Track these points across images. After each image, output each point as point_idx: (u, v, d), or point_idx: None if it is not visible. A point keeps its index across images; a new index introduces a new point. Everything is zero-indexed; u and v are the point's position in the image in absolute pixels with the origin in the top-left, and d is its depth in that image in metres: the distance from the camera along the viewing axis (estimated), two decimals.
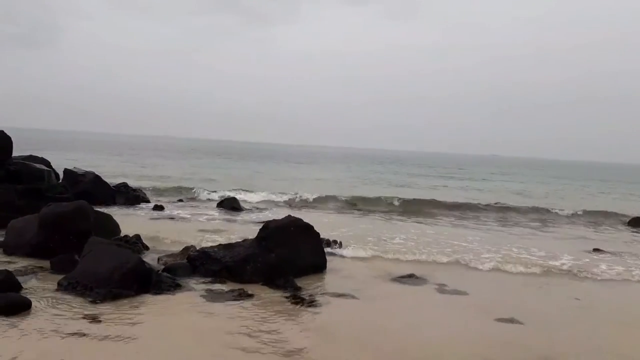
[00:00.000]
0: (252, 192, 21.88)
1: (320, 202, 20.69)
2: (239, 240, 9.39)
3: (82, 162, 28.53)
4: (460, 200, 23.92)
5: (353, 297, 7.90)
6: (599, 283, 9.95)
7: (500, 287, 9.26)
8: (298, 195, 21.17)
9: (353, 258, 10.57)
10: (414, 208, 20.65)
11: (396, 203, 21.37)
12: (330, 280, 8.85)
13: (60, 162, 20.68)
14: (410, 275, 9.25)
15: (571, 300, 8.48)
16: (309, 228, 9.49)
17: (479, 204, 22.63)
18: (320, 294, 7.99)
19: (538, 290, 9.09)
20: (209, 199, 19.61)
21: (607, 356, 6.11)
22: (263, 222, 12.66)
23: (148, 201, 17.28)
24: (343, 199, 21.33)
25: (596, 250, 13.32)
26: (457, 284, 8.89)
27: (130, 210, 15.44)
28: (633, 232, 18.01)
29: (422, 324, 6.93)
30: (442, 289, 8.70)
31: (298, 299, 7.56)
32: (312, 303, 7.46)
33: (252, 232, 11.31)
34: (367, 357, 5.64)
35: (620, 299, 9.05)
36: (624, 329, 7.20)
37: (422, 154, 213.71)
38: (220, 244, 9.28)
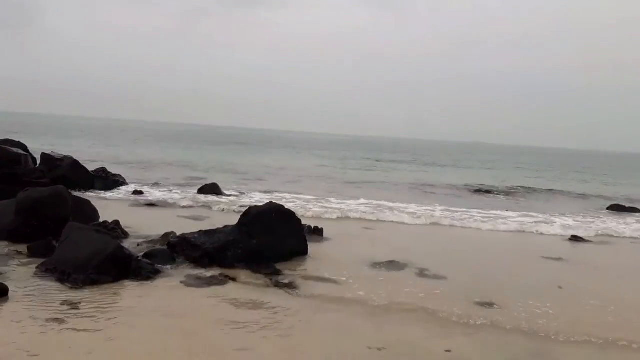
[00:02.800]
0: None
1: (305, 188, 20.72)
2: (220, 227, 9.34)
3: (62, 147, 28.06)
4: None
5: (334, 282, 7.94)
6: None
7: (479, 270, 9.35)
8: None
9: (334, 244, 10.60)
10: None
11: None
12: (312, 265, 8.87)
13: (38, 147, 20.39)
14: (392, 261, 9.31)
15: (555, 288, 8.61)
16: (290, 214, 9.48)
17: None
18: (302, 278, 8.01)
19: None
20: (189, 185, 19.43)
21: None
22: (244, 207, 12.66)
23: (127, 186, 17.09)
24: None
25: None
26: (437, 269, 8.96)
27: (109, 196, 15.25)
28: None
29: (401, 309, 6.98)
30: (422, 273, 8.78)
31: (279, 284, 7.58)
32: (293, 287, 7.49)
33: (233, 218, 11.28)
34: (345, 343, 5.67)
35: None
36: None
37: (403, 140, 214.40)
38: (200, 230, 9.20)
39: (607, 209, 20.53)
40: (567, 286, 8.52)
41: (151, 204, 14.28)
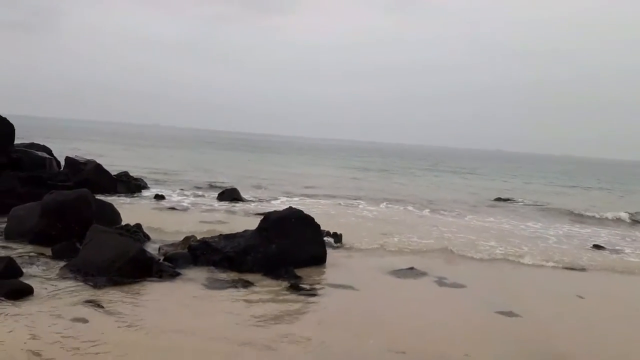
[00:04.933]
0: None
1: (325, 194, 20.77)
2: (240, 231, 9.42)
3: (84, 151, 28.53)
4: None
5: (353, 288, 7.96)
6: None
7: (499, 280, 9.30)
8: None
9: (353, 250, 10.62)
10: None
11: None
12: (330, 271, 8.91)
13: (62, 151, 20.74)
14: (411, 268, 9.29)
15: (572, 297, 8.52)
16: (309, 219, 9.52)
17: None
18: (320, 284, 8.05)
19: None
20: (209, 189, 19.58)
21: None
22: (264, 213, 12.74)
23: (149, 190, 17.31)
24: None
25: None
26: (456, 277, 8.93)
27: (131, 200, 15.46)
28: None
29: (420, 315, 6.99)
30: (441, 281, 8.75)
31: (298, 289, 7.61)
32: (311, 293, 7.52)
33: (252, 222, 11.36)
34: (366, 347, 5.70)
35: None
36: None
37: (426, 147, 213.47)
38: (220, 234, 9.31)
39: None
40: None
41: (172, 208, 14.44)
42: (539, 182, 42.32)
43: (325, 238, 10.21)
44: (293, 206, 10.44)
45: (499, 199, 24.29)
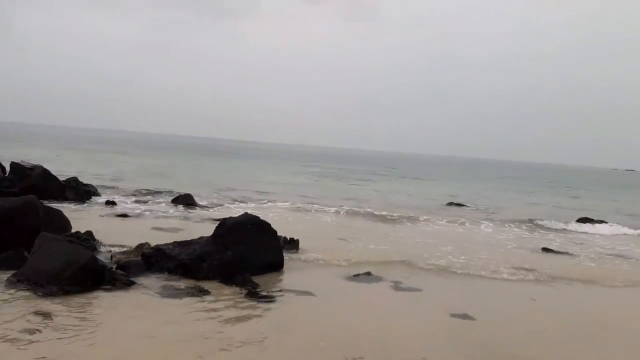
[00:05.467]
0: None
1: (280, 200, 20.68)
2: (195, 238, 9.28)
3: (34, 157, 27.49)
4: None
5: (310, 294, 7.95)
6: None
7: (453, 284, 9.47)
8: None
9: (310, 256, 10.61)
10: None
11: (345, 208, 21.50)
12: (288, 277, 8.88)
13: (9, 156, 19.97)
14: (367, 274, 9.36)
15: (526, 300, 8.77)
16: (266, 225, 9.47)
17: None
18: (278, 291, 8.01)
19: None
20: (162, 195, 19.19)
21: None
22: (219, 219, 12.59)
23: (99, 197, 16.84)
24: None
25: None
26: (412, 282, 9.06)
27: (81, 206, 14.99)
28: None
29: (377, 320, 7.04)
30: (397, 286, 8.85)
31: (255, 296, 7.56)
32: (269, 300, 7.47)
33: (208, 229, 11.21)
34: (323, 352, 5.70)
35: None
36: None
37: (383, 153, 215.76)
38: (175, 241, 9.13)
39: (577, 221, 20.96)
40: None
41: (124, 215, 14.09)
42: (491, 186, 43.46)
43: (282, 244, 10.17)
44: (249, 212, 10.36)
45: (451, 204, 24.82)
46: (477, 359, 5.88)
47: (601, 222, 20.83)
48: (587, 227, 19.58)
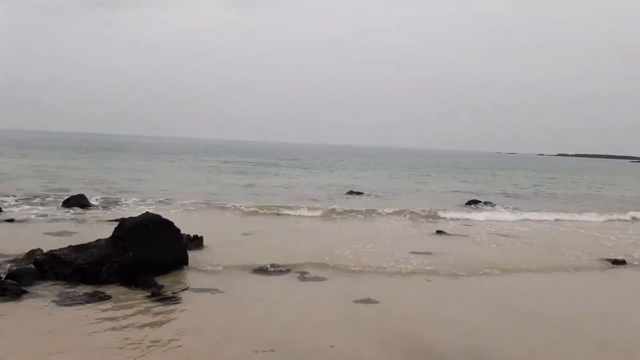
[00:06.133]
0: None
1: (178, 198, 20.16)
2: (92, 241, 8.87)
3: None
4: None
5: (217, 290, 7.91)
6: None
7: (354, 271, 9.78)
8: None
9: (215, 252, 10.50)
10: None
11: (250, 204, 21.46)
12: (193, 276, 8.74)
13: None
14: (272, 266, 9.44)
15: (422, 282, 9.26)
16: (168, 224, 9.24)
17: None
18: (183, 290, 7.87)
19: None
20: (52, 197, 18.05)
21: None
22: (117, 219, 12.09)
23: None
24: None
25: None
26: (317, 272, 9.26)
27: None
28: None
29: (285, 312, 7.14)
30: (303, 277, 9.01)
31: (160, 298, 7.38)
32: (174, 300, 7.34)
33: (105, 230, 10.76)
34: (234, 348, 5.71)
35: None
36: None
37: (271, 143, 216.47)
38: (70, 245, 8.67)
39: (466, 204, 22.43)
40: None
41: (10, 220, 13.12)
42: (388, 174, 45.14)
43: (185, 242, 9.99)
44: (150, 211, 10.06)
45: (351, 192, 25.51)
46: (382, 341, 6.14)
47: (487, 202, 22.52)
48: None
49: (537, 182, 44.01)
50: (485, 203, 22.72)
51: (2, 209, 14.55)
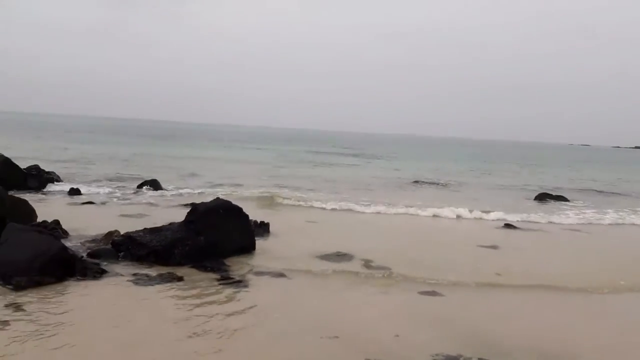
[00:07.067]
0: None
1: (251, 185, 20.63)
2: (165, 224, 9.25)
3: None
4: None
5: (282, 276, 8.05)
6: None
7: (420, 261, 9.69)
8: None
9: (281, 238, 10.70)
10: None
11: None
12: (260, 260, 8.94)
13: None
14: (337, 253, 9.52)
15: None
16: (237, 210, 9.50)
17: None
18: (250, 274, 8.08)
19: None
20: (127, 181, 18.93)
21: None
22: (188, 204, 12.54)
23: (62, 184, 16.50)
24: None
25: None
26: (381, 260, 9.24)
27: (44, 195, 14.72)
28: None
29: (349, 299, 7.20)
30: (368, 264, 9.03)
31: (229, 281, 7.62)
32: (242, 284, 7.54)
33: (176, 214, 11.19)
34: (297, 333, 5.81)
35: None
36: None
37: (348, 134, 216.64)
38: (145, 228, 9.09)
39: (535, 198, 21.60)
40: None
41: (89, 202, 13.87)
42: (454, 164, 44.28)
43: (253, 227, 10.22)
44: (220, 197, 10.36)
45: (416, 182, 25.27)
46: (446, 336, 6.08)
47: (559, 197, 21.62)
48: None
49: (620, 176, 40.93)
50: (558, 197, 21.72)
51: (81, 191, 15.38)
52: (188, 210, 9.50)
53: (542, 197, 21.60)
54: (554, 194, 22.42)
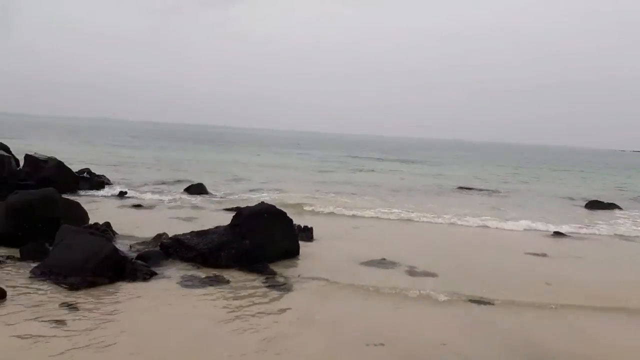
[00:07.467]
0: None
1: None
2: (212, 227, 9.39)
3: (39, 148, 27.62)
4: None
5: (326, 280, 8.05)
6: None
7: (466, 266, 9.52)
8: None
9: (325, 244, 10.71)
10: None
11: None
12: (304, 265, 8.98)
13: (16, 148, 20.11)
14: (382, 260, 9.45)
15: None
16: (282, 214, 9.57)
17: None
18: (295, 278, 8.11)
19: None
20: (174, 185, 19.34)
21: None
22: (233, 208, 12.70)
23: (112, 187, 16.98)
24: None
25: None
26: (426, 266, 9.13)
27: (95, 197, 15.17)
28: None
29: (394, 306, 7.13)
30: (412, 271, 8.94)
31: (274, 284, 7.67)
32: (287, 287, 7.59)
33: (222, 218, 11.35)
34: (343, 339, 5.79)
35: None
36: None
37: (386, 138, 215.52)
38: (192, 231, 9.25)
39: (585, 206, 20.92)
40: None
41: (138, 205, 14.24)
42: (496, 170, 43.41)
43: (297, 232, 10.27)
44: (264, 201, 10.46)
45: (461, 188, 24.87)
46: (495, 347, 5.94)
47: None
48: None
49: None
50: (610, 205, 20.91)
51: (130, 194, 15.80)
52: (233, 214, 9.62)
53: (593, 205, 20.87)
54: (605, 201, 21.62)
